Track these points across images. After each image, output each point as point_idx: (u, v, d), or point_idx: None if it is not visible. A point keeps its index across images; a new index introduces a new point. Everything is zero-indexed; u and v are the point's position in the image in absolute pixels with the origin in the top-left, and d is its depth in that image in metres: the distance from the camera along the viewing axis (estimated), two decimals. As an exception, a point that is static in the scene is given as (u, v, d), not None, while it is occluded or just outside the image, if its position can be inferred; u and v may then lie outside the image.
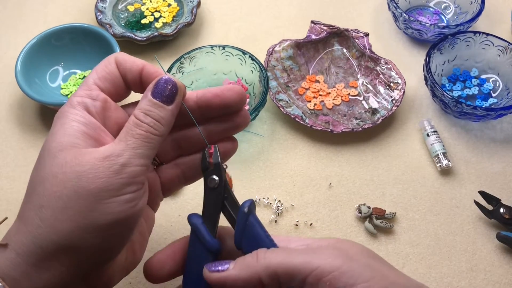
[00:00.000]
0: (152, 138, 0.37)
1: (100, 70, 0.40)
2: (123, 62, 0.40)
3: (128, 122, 0.37)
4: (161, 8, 0.78)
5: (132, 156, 0.36)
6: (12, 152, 0.64)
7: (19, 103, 0.69)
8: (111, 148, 0.36)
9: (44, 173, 0.36)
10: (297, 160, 0.63)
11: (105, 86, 0.40)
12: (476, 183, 0.62)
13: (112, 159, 0.35)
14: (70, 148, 0.36)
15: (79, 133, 0.36)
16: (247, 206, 0.38)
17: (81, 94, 0.38)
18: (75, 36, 0.69)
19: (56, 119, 0.38)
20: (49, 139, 0.37)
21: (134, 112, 0.38)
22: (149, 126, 0.37)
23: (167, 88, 0.38)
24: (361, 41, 0.70)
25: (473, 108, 0.61)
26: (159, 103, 0.38)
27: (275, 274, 0.34)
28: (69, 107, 0.38)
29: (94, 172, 0.34)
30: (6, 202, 0.60)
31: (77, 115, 0.37)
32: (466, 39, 0.68)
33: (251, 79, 0.66)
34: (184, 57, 0.65)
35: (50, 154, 0.36)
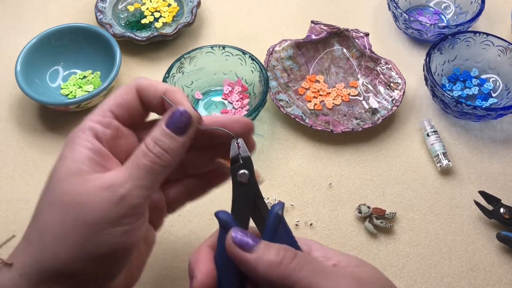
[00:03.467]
0: (157, 170, 0.37)
1: (118, 97, 0.40)
2: (146, 89, 0.40)
3: (137, 150, 0.37)
4: (161, 8, 0.78)
5: (134, 188, 0.36)
6: (12, 152, 0.64)
7: (19, 103, 0.69)
8: (114, 176, 0.36)
9: (50, 199, 0.36)
10: (297, 160, 0.63)
11: (121, 114, 0.40)
12: (476, 183, 0.62)
13: (112, 190, 0.35)
14: (75, 174, 0.36)
15: (86, 159, 0.37)
16: (281, 208, 0.37)
17: (94, 119, 0.38)
18: (75, 36, 0.69)
19: (66, 142, 0.38)
20: (58, 163, 0.37)
21: (145, 140, 0.37)
22: (156, 156, 0.37)
23: (182, 120, 0.37)
24: (361, 41, 0.70)
25: (473, 108, 0.61)
26: (171, 133, 0.37)
27: (291, 286, 0.34)
28: (80, 131, 0.38)
29: (94, 202, 0.35)
30: (6, 202, 0.60)
31: (85, 141, 0.37)
32: (466, 39, 0.68)
33: (251, 79, 0.66)
34: (184, 57, 0.65)
35: (57, 180, 0.37)
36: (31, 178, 0.62)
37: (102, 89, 0.63)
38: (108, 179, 0.36)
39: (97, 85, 0.69)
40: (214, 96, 0.68)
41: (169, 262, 0.55)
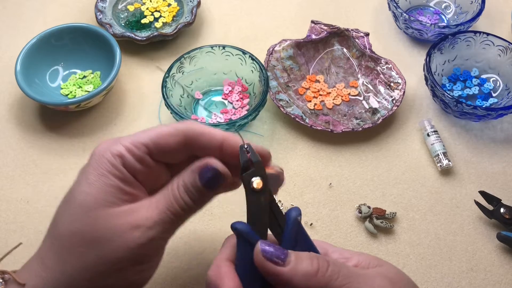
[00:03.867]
0: (183, 216, 0.37)
1: (160, 137, 0.38)
2: (200, 136, 0.38)
3: (168, 191, 0.37)
4: (161, 8, 0.78)
5: (162, 231, 0.36)
6: (12, 152, 0.64)
7: (19, 103, 0.69)
8: (144, 216, 0.36)
9: (73, 228, 0.36)
10: (297, 160, 0.63)
11: (156, 153, 0.38)
12: (477, 183, 0.62)
13: (142, 231, 0.35)
14: (103, 207, 0.35)
15: (115, 190, 0.36)
16: (299, 214, 0.36)
17: (127, 146, 0.37)
18: (75, 36, 0.69)
19: (92, 164, 0.37)
20: (83, 189, 0.36)
21: (178, 182, 0.37)
22: (185, 204, 0.37)
23: (216, 178, 0.37)
24: (361, 41, 0.70)
25: (473, 108, 0.61)
26: (201, 187, 0.37)
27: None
28: (109, 153, 0.37)
29: (121, 240, 0.35)
30: (6, 202, 0.60)
31: (115, 168, 0.36)
32: (467, 39, 0.68)
33: (251, 79, 0.66)
34: (184, 57, 0.65)
35: (82, 209, 0.36)
36: (31, 178, 0.62)
37: (102, 89, 0.63)
38: (138, 218, 0.35)
39: (97, 85, 0.69)
40: (214, 96, 0.68)
41: (168, 262, 0.54)
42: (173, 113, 0.61)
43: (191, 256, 0.55)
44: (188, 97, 0.67)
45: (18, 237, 0.57)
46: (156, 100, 0.68)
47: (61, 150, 0.64)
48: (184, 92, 0.66)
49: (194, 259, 0.55)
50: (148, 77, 0.72)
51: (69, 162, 0.63)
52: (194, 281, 0.53)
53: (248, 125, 0.65)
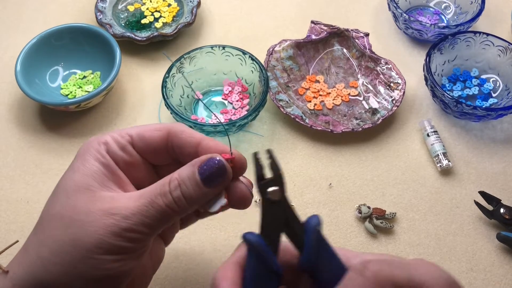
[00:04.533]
0: (169, 214, 0.35)
1: (145, 129, 0.39)
2: (179, 133, 0.39)
3: (157, 184, 0.36)
4: (161, 8, 0.78)
5: (139, 223, 0.34)
6: (12, 152, 0.64)
7: (19, 103, 0.69)
8: (122, 205, 0.35)
9: (54, 211, 0.36)
10: (297, 160, 0.63)
11: (140, 145, 0.39)
12: (476, 183, 0.62)
13: (116, 219, 0.34)
14: (83, 189, 0.35)
15: (97, 174, 0.36)
16: (318, 223, 0.33)
17: (112, 135, 0.38)
18: (75, 36, 0.69)
19: (79, 151, 0.38)
20: (68, 174, 0.37)
21: (171, 176, 0.36)
22: (173, 200, 0.35)
23: (216, 172, 0.35)
24: (361, 41, 0.70)
25: (473, 108, 0.61)
26: (199, 180, 0.35)
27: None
28: (95, 142, 0.38)
29: (94, 226, 0.34)
30: (6, 202, 0.60)
31: (99, 154, 0.37)
32: (466, 39, 0.68)
33: (251, 79, 0.66)
34: (184, 57, 0.65)
35: (64, 193, 0.36)
36: (31, 178, 0.62)
37: (102, 89, 0.63)
38: (115, 205, 0.35)
39: (97, 85, 0.69)
40: (214, 96, 0.68)
41: (168, 262, 0.55)
42: (173, 113, 0.61)
43: (191, 256, 0.55)
44: (188, 97, 0.67)
45: (18, 237, 0.57)
46: (156, 100, 0.68)
47: (61, 150, 0.64)
48: (184, 93, 0.67)
49: (194, 259, 0.55)
50: (148, 77, 0.72)
51: (69, 162, 0.63)
52: (194, 281, 0.53)
53: (248, 125, 0.65)
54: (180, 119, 0.61)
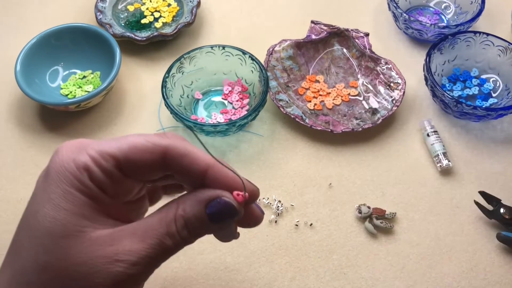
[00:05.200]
0: (174, 252, 0.32)
1: (134, 151, 0.32)
2: (179, 157, 0.32)
3: (161, 218, 0.32)
4: (161, 8, 0.78)
5: (147, 268, 0.31)
6: (12, 152, 0.64)
7: (18, 103, 0.69)
8: (127, 247, 0.30)
9: (41, 260, 0.30)
10: (297, 160, 0.63)
11: (126, 169, 0.32)
12: (476, 183, 0.62)
13: (123, 267, 0.30)
14: (76, 234, 0.30)
15: (86, 210, 0.31)
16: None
17: (93, 157, 0.31)
18: (75, 36, 0.69)
19: (51, 178, 0.31)
20: (47, 212, 0.30)
21: (176, 212, 0.32)
22: (181, 241, 0.32)
23: (227, 215, 0.32)
24: (361, 41, 0.70)
25: (473, 108, 0.61)
26: (207, 220, 0.32)
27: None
28: (71, 167, 0.31)
29: (99, 277, 0.30)
30: (6, 202, 0.60)
31: (82, 185, 0.31)
32: (466, 39, 0.68)
33: (251, 79, 0.66)
34: (184, 57, 0.65)
35: (49, 238, 0.30)
36: (31, 178, 0.62)
37: (101, 89, 0.63)
38: (120, 249, 0.30)
39: (97, 85, 0.69)
40: (214, 96, 0.68)
41: (168, 262, 0.54)
42: (173, 113, 0.61)
43: (191, 256, 0.55)
44: (188, 97, 0.67)
45: None
46: (156, 100, 0.68)
47: (61, 150, 0.64)
48: (184, 93, 0.66)
49: (194, 259, 0.55)
50: (148, 77, 0.72)
51: (69, 162, 0.63)
52: (194, 281, 0.53)
53: (248, 125, 0.65)
54: (180, 119, 0.61)
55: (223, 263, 0.54)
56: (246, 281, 0.53)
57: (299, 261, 0.55)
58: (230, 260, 0.55)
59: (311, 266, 0.55)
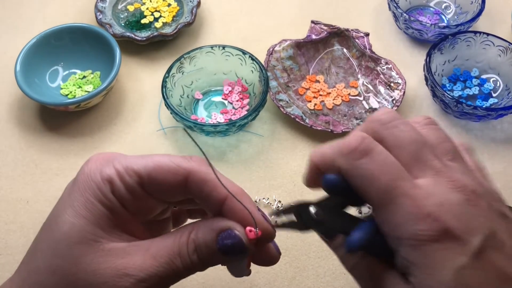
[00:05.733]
0: (184, 275, 0.32)
1: (158, 171, 0.32)
2: (201, 183, 0.32)
3: (174, 239, 0.32)
4: (161, 8, 0.78)
5: (154, 286, 0.31)
6: (12, 152, 0.64)
7: (18, 103, 0.69)
8: (137, 263, 0.31)
9: (54, 263, 0.31)
10: (297, 160, 0.63)
11: (149, 188, 0.33)
12: (477, 183, 0.61)
13: (131, 282, 0.30)
14: (90, 242, 0.31)
15: (103, 220, 0.31)
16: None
17: (118, 170, 0.32)
18: (75, 36, 0.69)
19: (78, 185, 0.32)
20: (68, 218, 0.31)
21: (188, 236, 0.32)
22: (190, 264, 0.32)
23: (235, 250, 0.32)
24: (361, 41, 0.70)
25: (473, 108, 0.61)
26: (217, 250, 0.32)
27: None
28: (97, 178, 0.32)
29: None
30: (5, 202, 0.60)
31: (103, 196, 0.32)
32: (467, 39, 0.68)
33: (251, 79, 0.66)
34: (184, 57, 0.65)
35: (65, 242, 0.31)
36: (31, 178, 0.62)
37: (101, 89, 0.63)
38: (130, 264, 0.30)
39: (97, 85, 0.69)
40: (214, 96, 0.68)
41: (169, 262, 0.54)
42: (173, 113, 0.61)
43: (191, 256, 0.55)
44: (188, 97, 0.67)
45: (18, 237, 0.57)
46: (156, 100, 0.68)
47: (61, 150, 0.64)
48: (184, 93, 0.66)
49: (194, 259, 0.55)
50: (148, 77, 0.72)
51: (69, 162, 0.63)
52: (194, 281, 0.53)
53: (248, 125, 0.65)
54: (180, 119, 0.61)
55: (223, 263, 0.54)
56: (246, 281, 0.53)
57: (299, 261, 0.55)
58: (230, 260, 0.55)
59: (311, 266, 0.55)
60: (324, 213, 0.31)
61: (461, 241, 0.27)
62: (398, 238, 0.28)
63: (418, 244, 0.27)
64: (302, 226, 0.32)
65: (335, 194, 0.31)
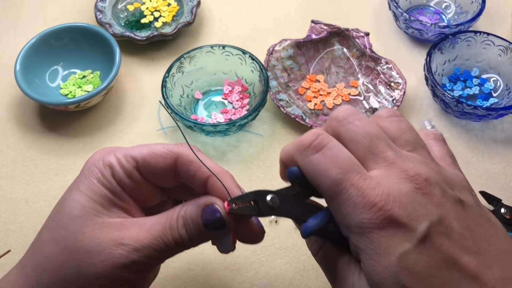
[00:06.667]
0: (176, 250, 0.35)
1: (152, 155, 0.36)
2: (188, 164, 0.36)
3: (167, 216, 0.35)
4: (160, 8, 0.77)
5: (148, 257, 0.34)
6: (11, 152, 0.64)
7: (18, 103, 0.69)
8: (133, 235, 0.34)
9: (56, 234, 0.34)
10: (297, 160, 0.63)
11: (144, 172, 0.37)
12: (477, 183, 0.61)
13: (126, 251, 0.33)
14: (91, 216, 0.34)
15: (103, 199, 0.35)
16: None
17: (118, 158, 0.36)
18: (75, 36, 0.69)
19: (83, 171, 0.36)
20: (73, 196, 0.35)
21: (178, 212, 0.35)
22: (180, 238, 0.35)
23: (217, 225, 0.34)
24: (362, 40, 0.70)
25: (473, 108, 0.61)
26: (202, 225, 0.34)
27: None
28: (99, 164, 0.36)
29: (102, 256, 0.33)
30: (5, 202, 0.60)
31: (104, 178, 0.35)
32: (467, 38, 0.68)
33: (251, 79, 0.66)
34: (184, 56, 0.65)
35: (69, 216, 0.34)
36: (30, 178, 0.62)
37: (101, 89, 0.63)
38: (126, 235, 0.33)
39: (97, 84, 0.69)
40: (214, 96, 0.68)
41: (168, 262, 0.54)
42: (173, 113, 0.61)
43: (191, 256, 0.55)
44: (188, 97, 0.67)
45: (17, 237, 0.57)
46: (156, 100, 0.68)
47: (61, 150, 0.64)
48: (184, 92, 0.66)
49: (194, 259, 0.55)
50: (148, 77, 0.72)
51: (69, 162, 0.63)
52: (194, 281, 0.53)
53: (248, 125, 0.65)
54: (180, 119, 0.60)
55: (223, 263, 0.54)
56: (246, 281, 0.53)
57: (299, 261, 0.55)
58: (230, 260, 0.55)
59: (311, 266, 0.55)
60: (280, 201, 0.34)
61: (407, 228, 0.28)
62: (347, 226, 0.30)
63: (364, 232, 0.29)
64: (258, 212, 0.34)
65: (297, 185, 0.34)
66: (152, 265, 0.35)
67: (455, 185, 0.32)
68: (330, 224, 0.32)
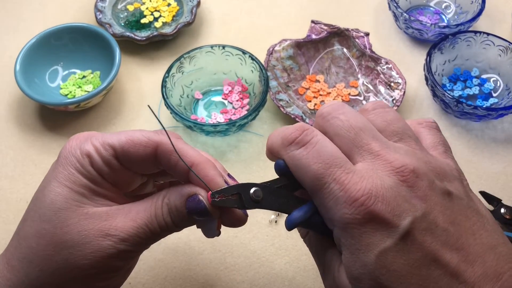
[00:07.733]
0: (161, 236, 0.35)
1: (130, 143, 0.35)
2: (168, 154, 0.35)
3: (152, 202, 0.35)
4: (160, 8, 0.77)
5: (135, 245, 0.34)
6: (11, 152, 0.64)
7: (18, 103, 0.69)
8: (119, 224, 0.34)
9: (41, 227, 0.34)
10: (297, 160, 0.63)
11: (123, 160, 0.36)
12: (477, 183, 0.61)
13: (113, 241, 0.33)
14: (74, 207, 0.34)
15: (85, 189, 0.35)
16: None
17: (95, 146, 0.35)
18: (75, 36, 0.69)
19: (60, 160, 0.35)
20: (52, 187, 0.35)
21: (163, 199, 0.35)
22: (165, 225, 0.35)
23: (201, 213, 0.35)
24: (362, 40, 0.70)
25: (473, 108, 0.61)
26: (186, 213, 0.35)
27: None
28: (77, 153, 0.35)
29: (90, 248, 0.33)
30: (5, 202, 0.60)
31: (83, 167, 0.35)
32: (467, 38, 0.68)
33: (251, 79, 0.66)
34: (184, 56, 0.65)
35: (51, 208, 0.34)
36: (30, 178, 0.62)
37: (101, 89, 0.63)
38: (112, 226, 0.34)
39: (97, 85, 0.69)
40: (214, 96, 0.68)
41: (168, 262, 0.54)
42: (172, 113, 0.61)
43: (191, 256, 0.55)
44: (188, 97, 0.67)
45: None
46: (156, 100, 0.68)
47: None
48: (184, 92, 0.66)
49: (194, 259, 0.55)
50: (148, 77, 0.72)
51: (68, 162, 0.63)
52: (194, 281, 0.53)
53: (248, 125, 0.65)
54: (180, 119, 0.60)
55: (223, 263, 0.54)
56: (246, 281, 0.53)
57: (299, 261, 0.55)
58: (230, 260, 0.55)
59: (311, 266, 0.55)
60: (264, 194, 0.34)
61: (389, 224, 0.28)
62: (330, 220, 0.30)
63: (346, 227, 0.29)
64: (241, 205, 0.34)
65: (285, 177, 0.34)
66: (139, 252, 0.36)
67: (445, 175, 0.31)
68: (315, 216, 0.32)
